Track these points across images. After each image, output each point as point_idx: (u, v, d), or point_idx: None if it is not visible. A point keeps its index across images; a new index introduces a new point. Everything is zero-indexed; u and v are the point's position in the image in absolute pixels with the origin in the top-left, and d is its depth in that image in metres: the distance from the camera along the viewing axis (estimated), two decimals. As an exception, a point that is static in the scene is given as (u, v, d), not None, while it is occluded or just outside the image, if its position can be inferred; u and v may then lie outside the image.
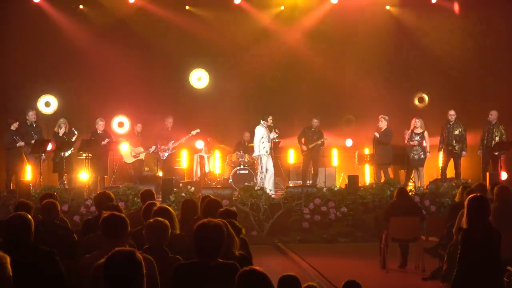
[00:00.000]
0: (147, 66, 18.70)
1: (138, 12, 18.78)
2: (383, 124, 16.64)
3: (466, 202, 6.56)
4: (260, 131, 16.06)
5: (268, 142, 16.01)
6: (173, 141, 17.27)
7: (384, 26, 19.13)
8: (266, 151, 15.98)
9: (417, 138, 16.31)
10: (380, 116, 16.75)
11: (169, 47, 18.97)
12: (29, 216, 5.66)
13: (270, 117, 16.15)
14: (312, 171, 17.71)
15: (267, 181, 15.87)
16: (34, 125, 16.00)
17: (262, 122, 16.16)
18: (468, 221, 6.47)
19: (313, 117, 17.43)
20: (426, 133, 16.44)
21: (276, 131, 16.39)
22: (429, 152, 16.50)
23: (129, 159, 17.17)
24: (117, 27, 18.64)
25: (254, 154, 16.37)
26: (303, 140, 17.37)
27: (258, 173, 16.18)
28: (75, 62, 18.62)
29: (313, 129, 17.32)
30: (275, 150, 17.97)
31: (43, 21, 18.36)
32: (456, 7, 19.07)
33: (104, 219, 5.26)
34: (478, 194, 7.03)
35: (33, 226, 5.61)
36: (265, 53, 19.44)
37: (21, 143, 15.34)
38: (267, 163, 16.02)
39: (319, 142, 17.21)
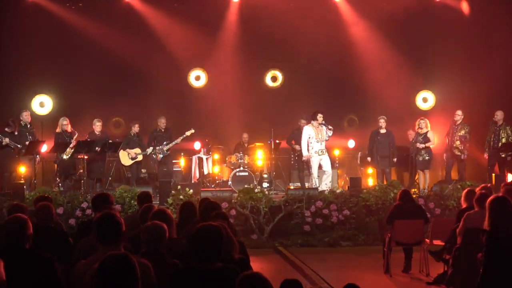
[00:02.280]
0: (145, 65, 18.53)
1: (135, 11, 18.61)
2: (383, 124, 16.50)
3: (488, 204, 6.30)
4: (307, 131, 15.87)
5: (318, 141, 15.73)
6: (167, 142, 17.04)
7: (387, 24, 18.99)
8: (315, 152, 15.75)
9: (420, 138, 16.15)
10: (380, 117, 16.56)
11: (167, 46, 18.79)
12: (29, 220, 5.56)
13: (319, 115, 15.76)
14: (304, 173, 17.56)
15: (323, 181, 15.82)
16: (28, 126, 15.74)
17: (312, 121, 15.94)
18: (491, 223, 6.20)
19: (302, 117, 17.24)
20: (430, 133, 16.26)
21: (330, 127, 15.89)
22: (431, 141, 16.26)
23: (127, 162, 16.95)
24: (113, 26, 18.46)
25: (304, 155, 16.06)
26: (293, 141, 17.19)
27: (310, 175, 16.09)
28: (70, 62, 18.46)
29: (301, 130, 17.16)
30: (276, 152, 17.80)
31: (37, 20, 18.21)
32: (464, 6, 18.94)
33: (97, 222, 5.08)
34: (501, 195, 6.81)
35: (32, 230, 5.52)
36: (264, 51, 19.35)
37: (6, 140, 15.04)
38: (323, 163, 15.83)
39: None
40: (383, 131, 16.57)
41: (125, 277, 3.90)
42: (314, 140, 15.76)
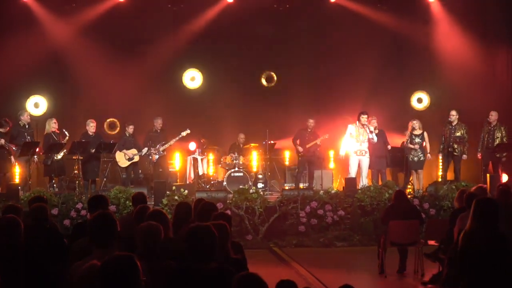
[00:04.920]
0: (139, 66, 18.43)
1: (129, 11, 18.53)
2: (374, 125, 16.47)
3: (472, 205, 6.31)
4: (349, 129, 15.86)
5: (357, 142, 15.69)
6: (162, 143, 17.00)
7: (381, 24, 18.98)
8: (354, 151, 15.70)
9: (417, 139, 16.13)
10: (371, 118, 16.49)
11: (161, 47, 18.74)
12: (18, 219, 5.53)
13: (363, 116, 15.73)
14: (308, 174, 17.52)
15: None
16: (27, 127, 15.69)
17: (357, 121, 15.91)
18: (471, 224, 6.20)
19: (309, 117, 17.18)
20: (425, 134, 16.26)
21: (371, 130, 15.78)
22: (429, 153, 16.32)
23: (124, 163, 16.87)
24: (108, 26, 18.40)
25: (340, 154, 16.11)
26: (298, 141, 17.14)
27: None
28: (65, 62, 18.36)
29: (309, 130, 17.10)
30: (270, 152, 17.77)
31: (31, 21, 18.11)
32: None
33: (91, 222, 5.07)
34: (486, 197, 6.80)
35: (22, 229, 5.49)
36: (259, 52, 19.35)
37: (1, 141, 14.97)
38: (362, 164, 15.76)
39: (319, 140, 16.97)
40: (375, 131, 16.50)
41: (128, 279, 3.90)
42: (354, 140, 15.72)
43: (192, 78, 19.73)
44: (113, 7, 18.49)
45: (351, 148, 15.73)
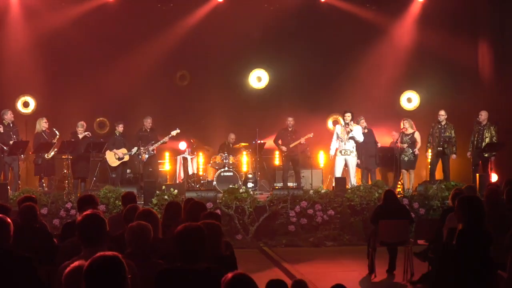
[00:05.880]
0: (129, 65, 18.42)
1: (119, 10, 18.48)
2: (364, 124, 16.49)
3: (458, 203, 6.32)
4: (336, 130, 15.92)
5: (342, 141, 15.64)
6: (152, 142, 16.96)
7: (371, 24, 19.01)
8: (340, 151, 15.68)
9: (407, 139, 16.17)
10: (360, 118, 16.51)
11: (151, 46, 18.70)
12: (8, 219, 5.50)
13: (346, 115, 15.68)
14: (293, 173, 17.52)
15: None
16: (11, 125, 15.64)
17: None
18: (463, 223, 6.23)
19: (289, 116, 17.19)
20: (417, 134, 16.30)
21: (349, 129, 15.62)
22: (417, 149, 16.33)
23: (114, 163, 16.83)
24: (97, 25, 18.34)
25: (330, 153, 16.11)
26: (280, 141, 17.15)
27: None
28: (54, 61, 18.31)
29: (289, 129, 17.10)
30: (260, 152, 17.77)
31: (19, 19, 18.06)
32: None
33: (80, 222, 5.06)
34: (471, 195, 6.84)
35: (12, 229, 5.48)
36: (249, 52, 19.34)
37: None
38: (348, 164, 15.71)
39: (303, 139, 16.96)
40: (364, 131, 16.53)
41: (114, 278, 3.87)
42: (339, 140, 15.71)
43: (182, 78, 19.70)
44: (102, 6, 18.44)
45: (339, 148, 15.74)
